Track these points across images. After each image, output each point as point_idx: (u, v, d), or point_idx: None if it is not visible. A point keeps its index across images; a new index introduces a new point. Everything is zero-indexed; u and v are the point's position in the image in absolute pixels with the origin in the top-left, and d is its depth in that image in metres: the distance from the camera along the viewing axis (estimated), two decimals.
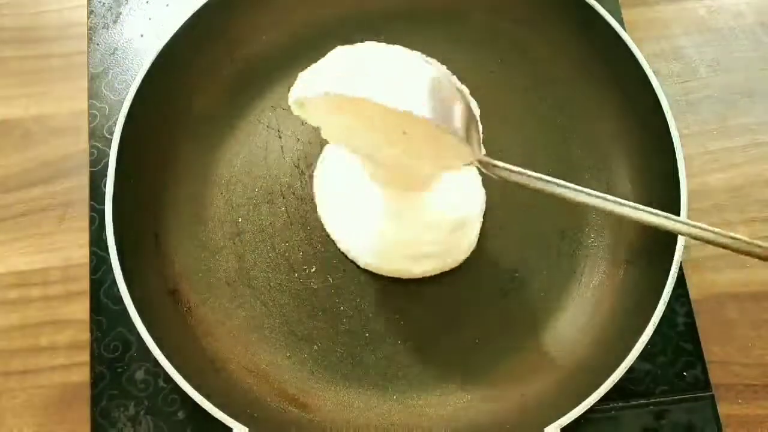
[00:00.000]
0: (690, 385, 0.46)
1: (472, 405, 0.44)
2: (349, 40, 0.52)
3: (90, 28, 0.56)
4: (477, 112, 0.36)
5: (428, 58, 0.35)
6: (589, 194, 0.37)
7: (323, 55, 0.52)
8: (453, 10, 0.52)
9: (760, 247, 0.35)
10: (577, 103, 0.50)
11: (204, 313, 0.46)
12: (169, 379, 0.39)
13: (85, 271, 0.49)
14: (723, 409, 0.45)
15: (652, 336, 0.39)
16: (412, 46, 0.52)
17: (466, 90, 0.35)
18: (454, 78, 0.35)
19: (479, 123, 0.36)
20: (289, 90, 0.51)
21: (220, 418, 0.38)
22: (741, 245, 0.35)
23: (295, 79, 0.52)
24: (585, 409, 0.38)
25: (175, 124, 0.49)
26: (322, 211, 0.49)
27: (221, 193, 0.50)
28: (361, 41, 0.52)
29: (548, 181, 0.37)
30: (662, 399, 0.46)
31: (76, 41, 0.56)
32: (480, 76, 0.52)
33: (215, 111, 0.51)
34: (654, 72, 0.44)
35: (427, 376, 0.45)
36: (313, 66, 0.37)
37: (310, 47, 0.52)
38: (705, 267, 0.49)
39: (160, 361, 0.39)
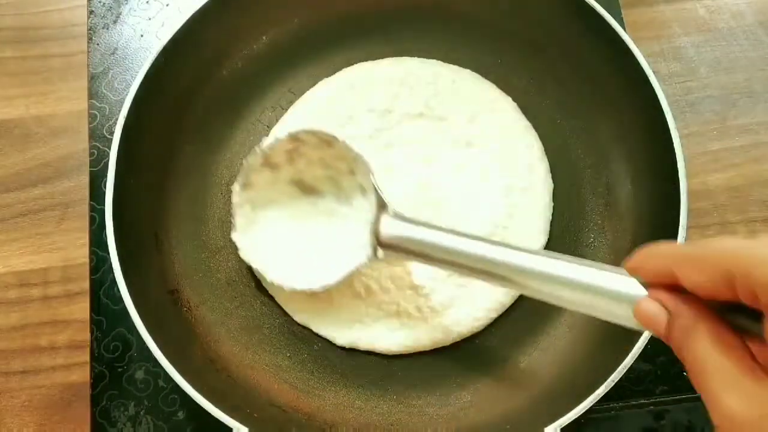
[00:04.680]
0: (690, 385, 0.46)
1: (472, 405, 0.44)
2: (349, 40, 0.53)
3: (90, 28, 0.56)
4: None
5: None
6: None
7: (323, 55, 0.52)
8: (453, 10, 0.52)
9: None
10: (577, 103, 0.50)
11: (204, 313, 0.46)
12: (169, 379, 0.39)
13: (85, 271, 0.49)
14: None
15: (652, 336, 0.39)
16: (411, 46, 0.53)
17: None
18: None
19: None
20: (289, 90, 0.52)
21: (220, 418, 0.38)
22: None
23: (295, 79, 0.52)
24: (585, 409, 0.38)
25: (175, 125, 0.49)
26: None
27: (221, 193, 0.50)
28: (361, 41, 0.53)
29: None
30: (662, 399, 0.46)
31: (76, 41, 0.56)
32: (480, 76, 0.52)
33: (215, 111, 0.50)
34: (654, 72, 0.44)
35: (427, 376, 0.45)
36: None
37: (310, 47, 0.53)
38: None
39: (160, 361, 0.39)
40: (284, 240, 0.45)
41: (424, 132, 0.50)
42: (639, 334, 0.39)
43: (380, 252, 0.41)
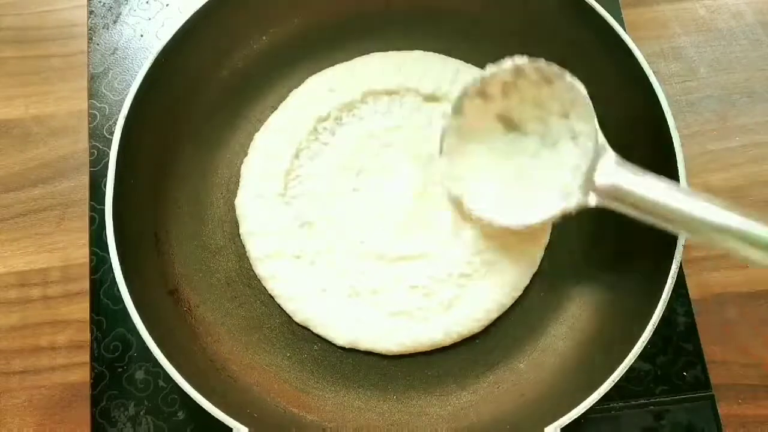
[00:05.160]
0: (690, 385, 0.46)
1: (472, 405, 0.44)
2: (348, 40, 0.53)
3: (90, 28, 0.56)
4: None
5: None
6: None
7: (323, 55, 0.52)
8: (453, 10, 0.52)
9: None
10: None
11: (204, 313, 0.46)
12: (169, 379, 0.39)
13: (85, 271, 0.49)
14: (723, 409, 0.45)
15: (652, 336, 0.39)
16: (411, 46, 0.53)
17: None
18: None
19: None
20: (289, 90, 0.52)
21: (220, 418, 0.38)
22: None
23: (295, 79, 0.52)
24: (585, 409, 0.38)
25: (175, 124, 0.49)
26: None
27: (221, 193, 0.50)
28: (361, 41, 0.53)
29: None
30: (662, 399, 0.46)
31: (77, 41, 0.56)
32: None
33: (215, 111, 0.51)
34: (654, 72, 0.44)
35: (427, 376, 0.45)
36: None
37: (310, 47, 0.52)
38: (705, 267, 0.49)
39: (160, 361, 0.39)
40: (484, 173, 0.45)
41: (426, 128, 0.50)
42: (639, 333, 0.39)
43: (593, 198, 0.40)
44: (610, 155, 0.40)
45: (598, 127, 0.41)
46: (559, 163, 0.43)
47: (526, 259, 0.47)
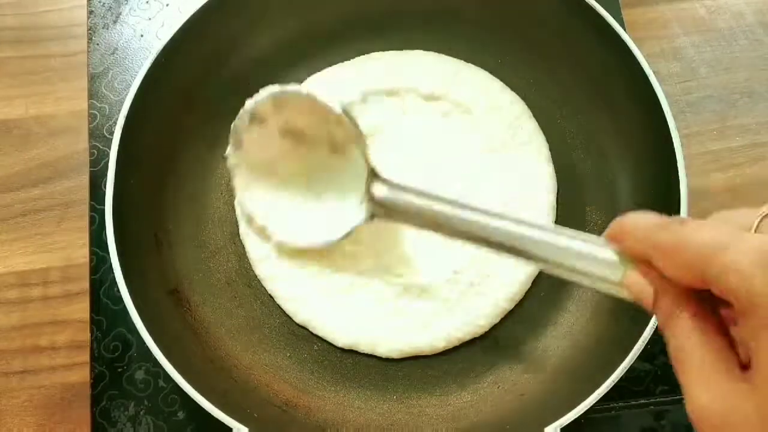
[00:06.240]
0: None
1: (472, 405, 0.44)
2: (349, 41, 0.53)
3: (90, 28, 0.56)
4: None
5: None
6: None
7: (323, 55, 0.52)
8: (453, 10, 0.52)
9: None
10: (578, 103, 0.50)
11: (204, 313, 0.46)
12: (169, 379, 0.39)
13: (85, 271, 0.49)
14: None
15: (652, 336, 0.39)
16: (411, 47, 0.53)
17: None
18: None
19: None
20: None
21: (220, 418, 0.38)
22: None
23: (295, 79, 0.52)
24: (585, 409, 0.38)
25: (176, 124, 0.49)
26: None
27: (221, 193, 0.50)
28: (361, 41, 0.53)
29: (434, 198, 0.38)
30: (662, 399, 0.46)
31: (76, 41, 0.56)
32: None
33: (215, 111, 0.50)
34: (654, 72, 0.44)
35: (427, 377, 0.45)
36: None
37: (310, 47, 0.53)
38: None
39: (160, 361, 0.39)
40: (284, 200, 0.46)
41: (426, 127, 0.50)
42: (638, 333, 0.39)
43: (376, 213, 0.40)
44: (381, 177, 0.40)
45: (367, 152, 0.41)
46: (352, 171, 0.42)
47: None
